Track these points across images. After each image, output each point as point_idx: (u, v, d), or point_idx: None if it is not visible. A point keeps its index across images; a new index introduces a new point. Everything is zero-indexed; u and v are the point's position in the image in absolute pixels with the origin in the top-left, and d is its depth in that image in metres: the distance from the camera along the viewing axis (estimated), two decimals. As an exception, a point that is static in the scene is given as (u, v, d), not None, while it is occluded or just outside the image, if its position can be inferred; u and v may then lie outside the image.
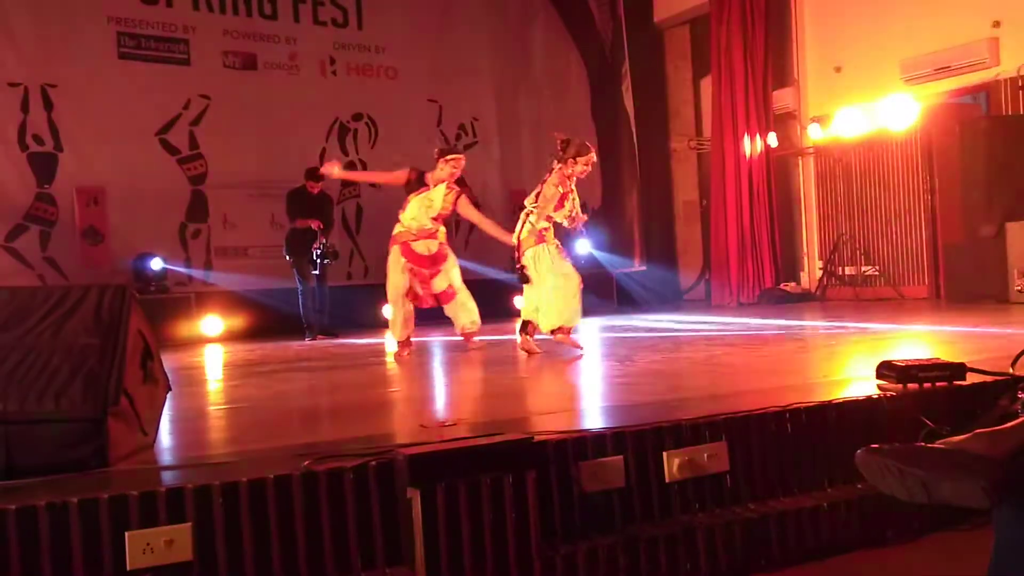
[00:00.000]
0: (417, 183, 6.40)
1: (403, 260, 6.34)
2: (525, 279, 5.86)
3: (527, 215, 5.95)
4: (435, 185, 6.35)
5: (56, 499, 2.13)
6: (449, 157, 6.36)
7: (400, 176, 6.51)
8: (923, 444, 1.89)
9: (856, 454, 1.84)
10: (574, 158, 5.84)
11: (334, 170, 6.83)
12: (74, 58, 9.38)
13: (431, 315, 6.89)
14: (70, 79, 9.35)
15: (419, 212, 6.35)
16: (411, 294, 6.40)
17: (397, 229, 6.44)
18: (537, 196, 5.94)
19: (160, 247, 9.49)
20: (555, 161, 5.93)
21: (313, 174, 8.99)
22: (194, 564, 2.20)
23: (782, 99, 11.20)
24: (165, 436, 3.10)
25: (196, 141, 10.07)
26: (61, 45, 9.34)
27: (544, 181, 5.95)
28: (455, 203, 6.43)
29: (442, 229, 6.54)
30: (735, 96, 11.11)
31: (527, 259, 5.87)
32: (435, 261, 6.41)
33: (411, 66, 11.25)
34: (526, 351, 5.86)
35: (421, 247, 6.36)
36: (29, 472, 2.43)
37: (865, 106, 9.93)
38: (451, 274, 6.48)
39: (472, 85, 11.62)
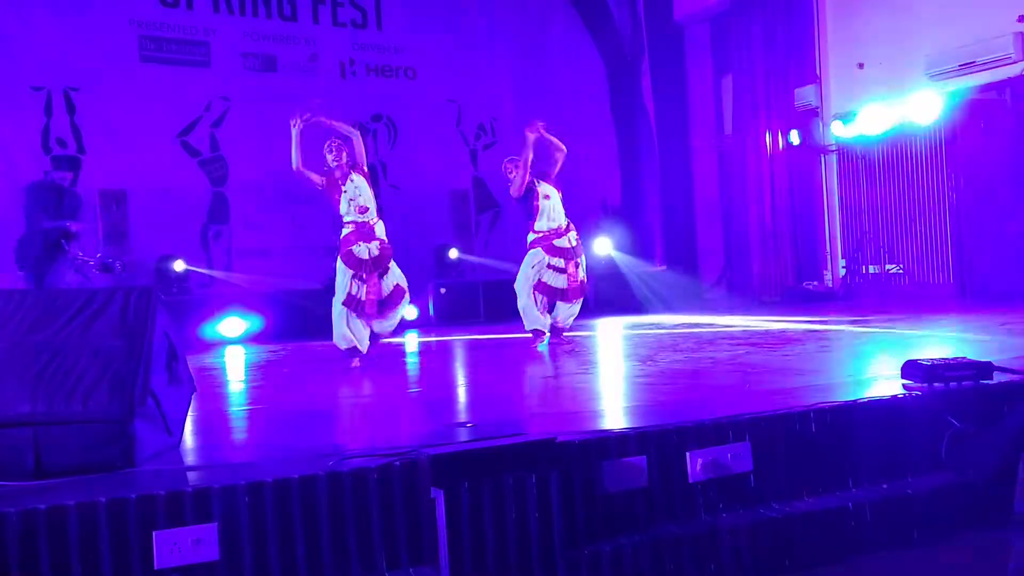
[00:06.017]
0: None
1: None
2: None
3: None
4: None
5: (85, 499, 2.15)
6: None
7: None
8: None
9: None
10: None
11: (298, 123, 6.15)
12: (96, 61, 9.46)
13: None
14: (92, 82, 9.43)
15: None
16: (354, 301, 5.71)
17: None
18: None
19: (182, 249, 9.55)
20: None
21: (61, 163, 7.43)
22: (220, 563, 2.21)
23: (804, 96, 11.09)
24: (190, 437, 3.12)
25: (217, 143, 10.14)
26: (83, 49, 9.41)
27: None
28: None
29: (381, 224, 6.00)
30: (756, 93, 11.03)
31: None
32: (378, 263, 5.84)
33: (430, 66, 11.27)
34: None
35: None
36: (58, 472, 2.47)
37: (889, 102, 9.83)
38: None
39: (491, 85, 11.62)
